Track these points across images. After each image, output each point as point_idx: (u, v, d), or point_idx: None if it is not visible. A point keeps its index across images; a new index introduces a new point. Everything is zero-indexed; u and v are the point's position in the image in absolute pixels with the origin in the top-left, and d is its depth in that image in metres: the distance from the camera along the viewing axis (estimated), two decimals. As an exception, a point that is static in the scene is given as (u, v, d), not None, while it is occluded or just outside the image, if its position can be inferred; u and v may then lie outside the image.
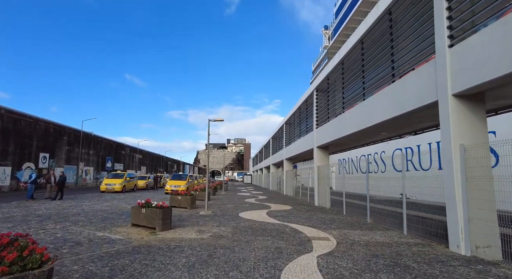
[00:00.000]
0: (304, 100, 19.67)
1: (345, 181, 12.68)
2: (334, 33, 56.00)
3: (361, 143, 17.15)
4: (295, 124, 23.22)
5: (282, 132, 28.53)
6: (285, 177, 26.23)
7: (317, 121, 16.58)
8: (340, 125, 13.09)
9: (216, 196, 21.54)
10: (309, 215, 11.33)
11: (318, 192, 16.14)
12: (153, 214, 7.41)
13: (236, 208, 13.41)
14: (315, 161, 16.54)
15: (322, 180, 15.96)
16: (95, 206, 12.90)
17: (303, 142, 19.50)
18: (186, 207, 12.51)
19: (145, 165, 54.57)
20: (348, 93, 12.42)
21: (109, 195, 19.73)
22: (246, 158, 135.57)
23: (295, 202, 17.77)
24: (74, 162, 30.40)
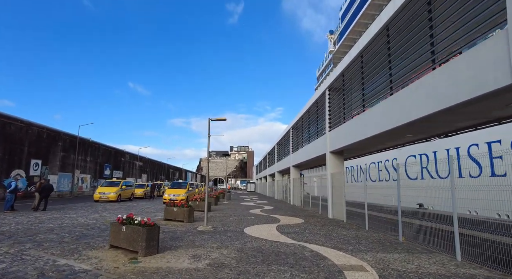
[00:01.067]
0: (314, 102, 18.09)
1: (366, 190, 10.95)
2: (340, 38, 54.78)
3: (380, 148, 15.47)
4: (303, 128, 21.60)
5: (289, 137, 26.90)
6: (292, 185, 24.48)
7: (330, 124, 14.95)
8: (359, 126, 11.46)
9: (218, 206, 19.84)
10: (327, 231, 9.60)
11: (332, 203, 14.40)
12: (135, 234, 5.77)
13: (240, 221, 11.72)
14: (328, 167, 14.85)
15: (337, 189, 14.24)
16: (80, 218, 11.27)
17: (313, 147, 17.85)
18: (182, 220, 10.84)
19: (146, 173, 53.00)
20: (369, 89, 10.82)
21: (102, 205, 18.10)
22: (249, 165, 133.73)
23: (305, 213, 16.01)
24: (69, 169, 28.88)
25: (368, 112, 10.67)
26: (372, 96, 10.52)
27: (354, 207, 13.70)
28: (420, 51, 7.81)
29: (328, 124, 15.06)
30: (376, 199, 16.35)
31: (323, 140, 15.84)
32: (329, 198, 14.57)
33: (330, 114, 15.04)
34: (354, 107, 12.39)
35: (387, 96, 9.48)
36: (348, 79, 13.09)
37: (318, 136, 17.19)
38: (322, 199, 20.07)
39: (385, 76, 9.58)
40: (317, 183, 29.26)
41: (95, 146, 34.51)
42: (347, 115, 13.04)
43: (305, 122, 20.80)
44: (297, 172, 25.19)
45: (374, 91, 10.40)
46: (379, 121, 9.77)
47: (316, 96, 17.55)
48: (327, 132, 15.09)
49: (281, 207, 20.02)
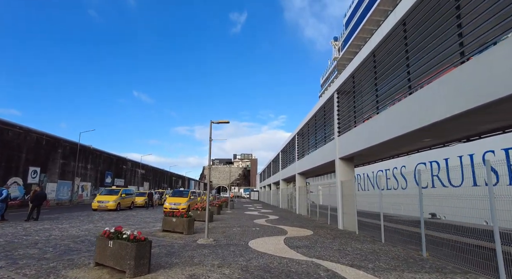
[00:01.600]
0: (321, 106, 17.32)
1: (381, 199, 10.05)
2: (344, 44, 54.40)
3: (392, 154, 14.58)
4: (309, 134, 20.80)
5: (294, 144, 26.08)
6: (298, 193, 23.54)
7: (339, 129, 14.14)
8: (372, 131, 10.65)
9: (220, 215, 18.94)
10: (340, 245, 8.70)
11: (342, 213, 13.47)
12: (122, 250, 4.96)
13: (244, 232, 10.83)
14: (337, 174, 13.98)
15: (347, 197, 13.34)
16: (72, 229, 10.47)
17: (321, 153, 17.00)
18: (182, 231, 10.00)
19: (148, 181, 52.27)
20: (383, 90, 10.03)
21: (99, 214, 17.30)
22: (252, 173, 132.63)
23: (313, 224, 15.07)
24: (69, 177, 28.22)
25: (383, 115, 9.86)
26: (387, 97, 9.73)
27: (363, 217, 12.79)
28: (444, 44, 7.04)
29: (337, 129, 14.25)
30: (384, 208, 15.41)
31: (331, 146, 15.01)
32: (339, 208, 13.65)
33: (339, 118, 14.25)
34: (365, 111, 11.60)
35: (404, 97, 8.69)
36: (358, 81, 12.33)
37: (326, 142, 16.36)
38: (327, 208, 19.11)
39: (402, 75, 8.80)
40: (322, 191, 28.30)
41: (96, 153, 33.92)
42: (358, 119, 12.24)
43: (312, 128, 20.00)
44: (303, 179, 24.27)
45: (389, 92, 9.61)
46: (395, 124, 8.96)
47: (324, 100, 16.79)
48: (336, 138, 14.27)
49: (287, 217, 19.08)
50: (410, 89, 8.37)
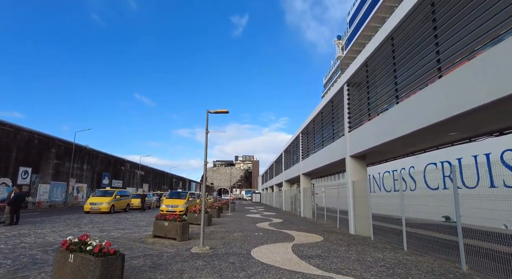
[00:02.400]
0: (329, 101, 16.10)
1: (403, 201, 8.79)
2: (348, 43, 53.31)
3: (409, 151, 13.31)
4: (315, 132, 19.57)
5: (298, 143, 24.85)
6: (303, 195, 22.27)
7: (349, 124, 12.91)
8: (389, 124, 9.43)
9: (221, 218, 17.72)
10: (358, 254, 7.45)
11: (354, 216, 12.22)
12: (84, 268, 3.74)
13: (246, 238, 9.59)
14: (348, 174, 12.73)
15: (359, 199, 12.09)
16: (50, 236, 9.26)
17: (328, 152, 15.76)
18: (175, 237, 8.77)
19: (148, 182, 51.11)
20: (404, 77, 8.81)
21: (90, 217, 16.11)
22: (254, 175, 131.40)
23: (321, 228, 13.81)
24: (63, 178, 27.08)
25: (402, 105, 8.62)
26: (409, 84, 8.50)
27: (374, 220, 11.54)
28: (488, 14, 5.82)
29: (347, 124, 13.02)
30: (389, 210, 14.13)
31: (341, 143, 13.78)
32: (350, 210, 12.40)
33: (350, 113, 13.02)
34: (381, 102, 10.38)
35: (431, 82, 7.47)
36: (372, 70, 11.12)
37: (335, 139, 15.12)
38: (332, 210, 17.89)
39: (429, 56, 7.58)
40: (325, 193, 27.05)
41: (93, 153, 32.79)
42: (373, 112, 11.02)
43: (318, 125, 18.77)
44: (307, 180, 23.01)
45: (412, 78, 8.38)
46: (418, 115, 7.74)
47: (331, 94, 15.57)
48: (346, 134, 13.04)
49: (291, 220, 17.82)
50: (439, 72, 7.14)
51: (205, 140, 7.70)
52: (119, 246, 7.61)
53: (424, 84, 7.86)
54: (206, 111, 7.88)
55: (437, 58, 7.23)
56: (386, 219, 13.15)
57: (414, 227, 10.82)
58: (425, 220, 10.57)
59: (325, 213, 16.39)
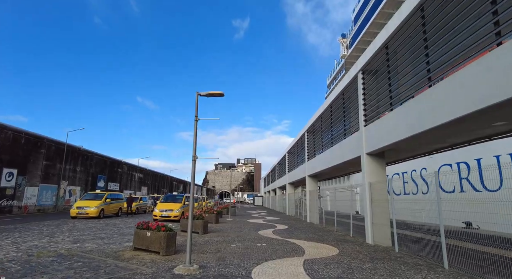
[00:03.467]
0: (339, 94, 14.46)
1: (440, 206, 7.09)
2: (353, 41, 51.83)
3: (434, 148, 11.61)
4: (322, 130, 17.90)
5: (303, 143, 23.18)
6: (309, 199, 20.56)
7: (365, 117, 11.26)
8: (417, 113, 7.79)
9: (219, 224, 16.05)
10: (391, 276, 5.75)
11: (372, 223, 10.52)
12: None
13: (246, 252, 7.92)
14: (365, 174, 11.06)
15: (378, 203, 10.41)
16: (5, 248, 7.63)
17: (339, 150, 14.08)
18: (157, 251, 7.12)
19: (147, 185, 49.52)
20: (439, 54, 7.15)
21: (73, 223, 14.50)
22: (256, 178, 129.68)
23: (332, 236, 12.10)
24: (54, 180, 25.52)
25: (441, 87, 6.97)
26: (449, 60, 6.84)
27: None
28: None
29: (362, 118, 11.37)
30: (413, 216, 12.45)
31: (355, 139, 12.12)
32: (368, 216, 10.70)
33: (366, 104, 11.38)
34: (407, 88, 8.72)
35: (482, 55, 5.83)
36: (394, 52, 9.48)
37: (346, 136, 13.47)
38: (342, 215, 16.33)
39: (483, 21, 5.92)
40: (330, 197, 25.30)
41: (87, 154, 31.26)
42: (395, 100, 9.37)
43: (326, 122, 17.11)
44: (314, 183, 21.30)
45: (452, 52, 6.73)
46: (462, 98, 6.08)
47: (342, 85, 13.94)
48: (361, 129, 11.38)
49: (297, 226, 16.12)
50: (499, 37, 5.49)
51: (194, 129, 6.07)
52: (84, 264, 5.98)
53: (472, 56, 6.21)
54: (196, 94, 6.26)
55: (495, 19, 5.57)
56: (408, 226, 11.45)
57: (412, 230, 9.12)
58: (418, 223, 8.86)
59: (336, 218, 14.66)
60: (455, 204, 8.47)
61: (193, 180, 6.16)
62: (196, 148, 6.04)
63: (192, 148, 6.07)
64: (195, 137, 6.12)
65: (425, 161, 20.57)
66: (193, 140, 6.10)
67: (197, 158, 6.08)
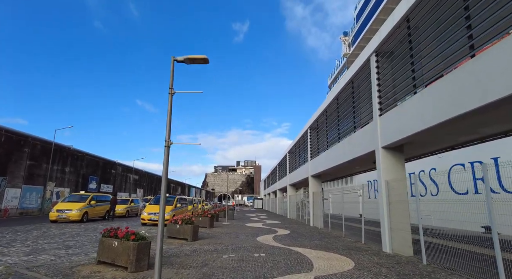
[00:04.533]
0: (348, 83, 12.93)
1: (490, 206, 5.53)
2: (355, 39, 50.41)
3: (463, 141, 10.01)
4: (327, 125, 16.34)
5: (305, 141, 21.62)
6: (312, 201, 18.97)
7: (381, 105, 9.73)
8: (454, 91, 6.25)
9: (214, 229, 14.45)
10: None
11: (389, 229, 8.95)
12: None
13: (240, 266, 6.34)
14: (381, 172, 9.49)
15: (396, 205, 8.85)
16: None
17: (349, 145, 12.53)
18: (125, 266, 5.53)
19: (142, 187, 47.87)
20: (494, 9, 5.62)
21: (48, 228, 12.91)
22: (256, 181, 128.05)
23: (341, 243, 10.50)
24: (39, 182, 23.91)
25: (490, 54, 5.43)
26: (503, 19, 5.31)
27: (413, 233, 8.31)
28: None
29: (377, 106, 9.82)
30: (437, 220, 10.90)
31: (368, 132, 10.57)
32: (384, 221, 9.12)
33: (381, 91, 9.84)
34: (433, 66, 7.19)
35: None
36: (415, 27, 7.96)
37: (357, 128, 11.92)
38: (340, 218, 14.90)
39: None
40: (332, 199, 23.74)
41: (78, 154, 29.67)
42: (420, 82, 7.84)
43: (332, 116, 15.56)
44: (317, 183, 19.70)
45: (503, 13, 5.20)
46: None
47: (351, 72, 12.41)
48: (376, 119, 9.84)
49: (300, 231, 14.52)
50: None
51: (168, 104, 4.53)
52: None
53: None
54: (171, 59, 4.72)
55: None
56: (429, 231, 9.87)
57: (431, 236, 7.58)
58: (459, 231, 7.32)
59: (344, 222, 13.06)
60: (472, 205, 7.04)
61: (166, 171, 4.61)
62: (170, 130, 4.49)
63: (166, 131, 4.51)
64: (169, 116, 4.57)
65: (434, 161, 19.05)
66: (167, 119, 4.54)
67: (171, 143, 4.52)
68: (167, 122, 4.52)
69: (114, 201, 18.49)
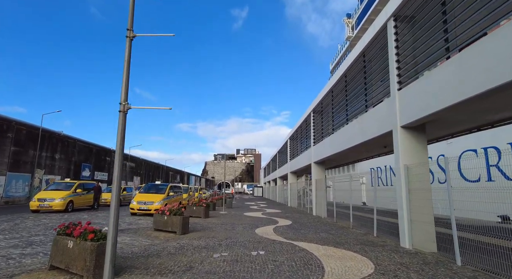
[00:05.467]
0: (358, 56, 11.44)
1: None
2: (359, 22, 48.35)
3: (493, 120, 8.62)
4: (334, 106, 14.91)
5: (308, 126, 20.24)
6: (315, 189, 17.74)
7: (399, 77, 8.30)
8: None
9: (210, 219, 13.24)
10: None
11: (409, 221, 7.68)
12: None
13: (233, 270, 5.07)
14: (399, 155, 8.14)
15: (417, 194, 7.57)
16: None
17: (360, 127, 11.14)
18: (81, 273, 4.23)
19: (139, 175, 46.77)
20: None
21: (23, 219, 11.69)
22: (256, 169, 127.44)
23: (351, 236, 9.27)
24: (26, 169, 22.65)
25: None
26: None
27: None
28: None
29: (396, 79, 8.39)
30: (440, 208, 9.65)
31: (383, 110, 9.18)
32: (404, 211, 7.83)
33: (400, 61, 8.38)
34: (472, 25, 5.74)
35: None
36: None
37: (369, 108, 10.52)
38: (341, 205, 14.06)
39: None
40: (332, 187, 22.62)
41: (69, 141, 28.33)
42: (453, 45, 6.39)
43: (339, 96, 14.11)
44: (321, 170, 18.43)
45: None
46: None
47: (363, 44, 10.90)
48: (394, 93, 8.42)
49: (303, 221, 13.34)
50: None
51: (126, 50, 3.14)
52: None
53: None
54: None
55: None
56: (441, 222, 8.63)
57: None
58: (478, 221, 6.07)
59: (351, 212, 11.81)
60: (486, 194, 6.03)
61: (121, 142, 3.35)
62: (127, 89, 3.10)
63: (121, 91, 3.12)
64: (127, 68, 3.18)
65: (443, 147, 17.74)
66: (123, 73, 3.15)
67: (129, 108, 3.14)
68: (124, 77, 3.12)
69: (98, 189, 17.17)
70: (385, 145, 13.33)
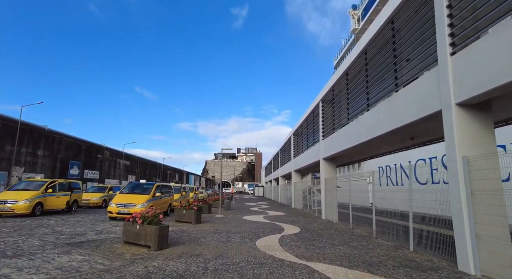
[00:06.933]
0: (386, 22, 9.17)
1: None
2: (365, 13, 46.23)
3: None
4: (349, 92, 12.65)
5: (316, 118, 18.01)
6: (325, 189, 15.48)
7: (452, 38, 6.06)
8: None
9: (202, 224, 11.02)
10: None
11: (474, 235, 5.43)
12: None
13: None
14: (455, 143, 5.89)
15: (485, 198, 5.33)
16: None
17: (387, 111, 8.88)
18: None
19: (135, 174, 44.59)
20: None
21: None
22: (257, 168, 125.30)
23: (381, 251, 7.02)
24: (1, 166, 20.45)
25: None
26: None
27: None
28: None
29: (448, 40, 6.14)
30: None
31: (426, 84, 6.94)
32: (465, 221, 5.59)
33: (453, 16, 6.13)
34: None
35: None
36: None
37: (399, 87, 8.27)
38: (353, 208, 11.66)
39: None
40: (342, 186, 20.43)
41: (54, 136, 26.14)
42: None
43: (356, 79, 11.85)
44: (331, 168, 16.17)
45: None
46: None
47: (393, 6, 8.63)
48: (445, 61, 6.19)
49: (313, 228, 11.11)
50: None
51: None
52: None
53: None
54: None
55: None
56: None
57: None
58: None
59: (374, 216, 9.50)
60: None
61: None
62: None
63: None
64: None
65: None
66: None
67: None
68: None
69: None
70: (413, 136, 11.10)
